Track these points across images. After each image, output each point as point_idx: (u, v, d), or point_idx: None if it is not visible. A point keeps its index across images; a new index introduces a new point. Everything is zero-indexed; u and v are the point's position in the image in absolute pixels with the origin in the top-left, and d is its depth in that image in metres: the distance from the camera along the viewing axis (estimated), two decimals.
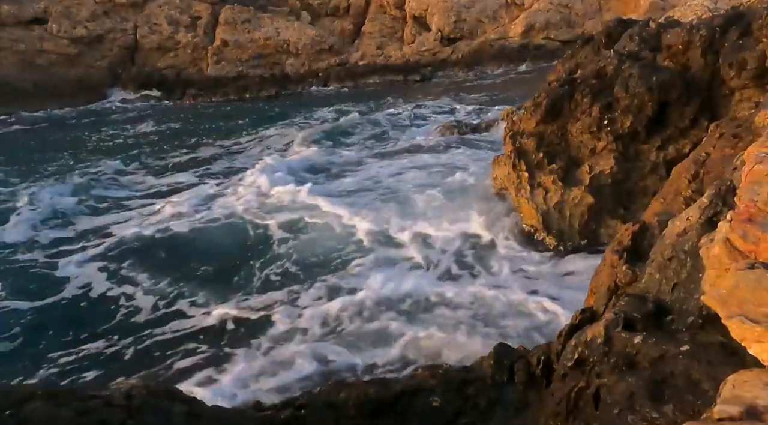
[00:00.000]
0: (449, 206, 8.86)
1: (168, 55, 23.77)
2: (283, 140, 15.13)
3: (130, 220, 9.81)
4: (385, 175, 11.11)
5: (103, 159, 13.75)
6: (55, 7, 22.54)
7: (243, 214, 9.63)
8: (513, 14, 26.78)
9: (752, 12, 6.80)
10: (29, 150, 15.42)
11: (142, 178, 12.38)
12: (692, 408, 2.60)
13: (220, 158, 13.77)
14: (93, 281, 7.72)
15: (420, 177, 10.69)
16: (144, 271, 7.87)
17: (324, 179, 11.46)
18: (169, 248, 8.63)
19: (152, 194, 11.32)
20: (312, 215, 9.32)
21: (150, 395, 3.50)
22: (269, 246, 8.49)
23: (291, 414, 3.92)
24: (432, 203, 9.19)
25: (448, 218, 8.43)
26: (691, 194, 4.46)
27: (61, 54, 22.40)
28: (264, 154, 13.80)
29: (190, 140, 15.88)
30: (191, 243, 8.78)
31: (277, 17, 25.31)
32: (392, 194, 10.00)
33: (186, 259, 8.21)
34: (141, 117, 19.59)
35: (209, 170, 12.84)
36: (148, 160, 13.87)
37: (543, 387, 3.83)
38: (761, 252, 2.21)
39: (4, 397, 3.21)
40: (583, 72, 7.96)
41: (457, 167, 10.90)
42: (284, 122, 17.53)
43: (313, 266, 7.75)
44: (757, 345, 1.95)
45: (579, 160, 7.61)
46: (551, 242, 7.39)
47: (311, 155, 13.11)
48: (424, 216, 8.71)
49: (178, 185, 11.66)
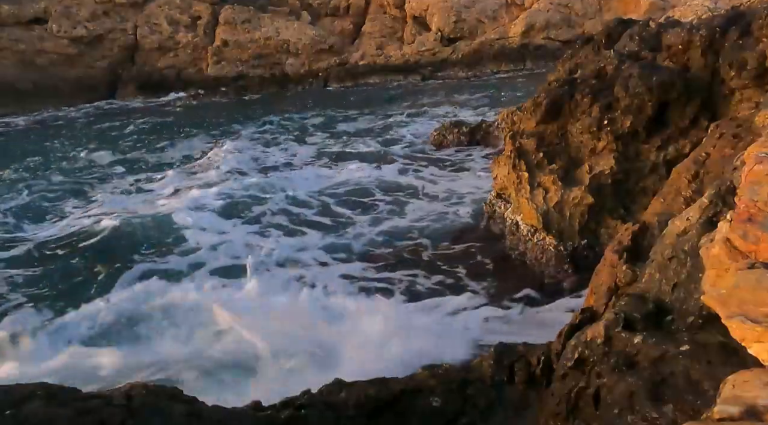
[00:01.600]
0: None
1: (168, 55, 23.79)
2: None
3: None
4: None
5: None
6: (55, 7, 22.55)
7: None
8: (513, 14, 26.79)
9: (752, 12, 6.80)
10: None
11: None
12: (692, 408, 2.60)
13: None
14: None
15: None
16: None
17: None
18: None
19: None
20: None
21: (150, 395, 3.50)
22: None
23: (291, 414, 3.91)
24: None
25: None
26: (691, 194, 4.46)
27: (61, 54, 22.41)
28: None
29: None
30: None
31: (277, 17, 25.32)
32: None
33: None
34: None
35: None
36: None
37: (543, 387, 3.83)
38: (761, 252, 2.21)
39: (4, 397, 3.21)
40: (583, 72, 7.96)
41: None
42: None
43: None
44: (757, 345, 1.95)
45: (579, 160, 7.61)
46: (551, 242, 7.39)
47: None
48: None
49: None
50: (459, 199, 9.84)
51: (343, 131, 16.10)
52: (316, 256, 8.05)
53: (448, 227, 8.69)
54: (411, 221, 9.09)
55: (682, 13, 16.62)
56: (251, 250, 8.26)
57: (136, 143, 16.12)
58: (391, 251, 8.08)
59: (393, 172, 11.62)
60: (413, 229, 8.77)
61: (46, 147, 15.86)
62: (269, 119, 18.20)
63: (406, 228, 8.85)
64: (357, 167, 12.17)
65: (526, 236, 7.77)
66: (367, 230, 8.88)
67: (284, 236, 8.83)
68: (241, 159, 13.01)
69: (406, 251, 8.02)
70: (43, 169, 13.59)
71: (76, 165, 13.80)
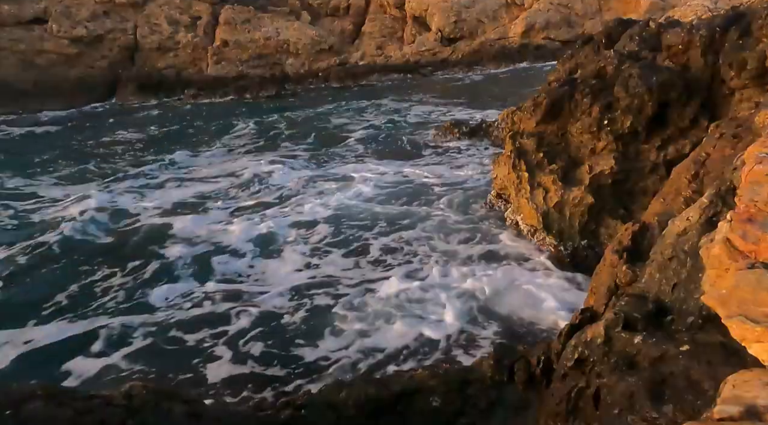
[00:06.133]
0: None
1: (168, 55, 23.78)
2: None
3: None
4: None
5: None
6: (55, 7, 22.56)
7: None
8: (513, 14, 26.82)
9: (752, 12, 6.80)
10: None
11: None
12: (692, 408, 2.60)
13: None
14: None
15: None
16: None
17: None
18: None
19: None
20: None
21: (150, 395, 3.50)
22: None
23: (291, 414, 3.92)
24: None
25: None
26: (691, 194, 4.46)
27: (61, 54, 22.41)
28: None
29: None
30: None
31: (277, 17, 25.33)
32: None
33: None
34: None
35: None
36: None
37: (543, 387, 3.83)
38: (761, 252, 2.21)
39: (4, 397, 3.21)
40: (583, 72, 7.97)
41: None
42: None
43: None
44: (757, 345, 1.95)
45: (579, 160, 7.61)
46: (551, 242, 7.39)
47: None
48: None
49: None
50: (459, 198, 9.84)
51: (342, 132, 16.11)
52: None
53: (448, 227, 8.68)
54: (411, 221, 9.08)
55: (682, 13, 16.62)
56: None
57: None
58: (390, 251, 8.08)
59: (393, 172, 11.64)
60: (413, 229, 8.76)
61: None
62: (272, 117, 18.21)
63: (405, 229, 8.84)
64: (353, 168, 12.21)
65: (526, 236, 7.78)
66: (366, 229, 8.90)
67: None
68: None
69: (405, 251, 8.02)
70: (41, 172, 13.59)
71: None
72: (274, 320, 6.49)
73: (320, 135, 15.71)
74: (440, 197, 9.95)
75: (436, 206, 9.53)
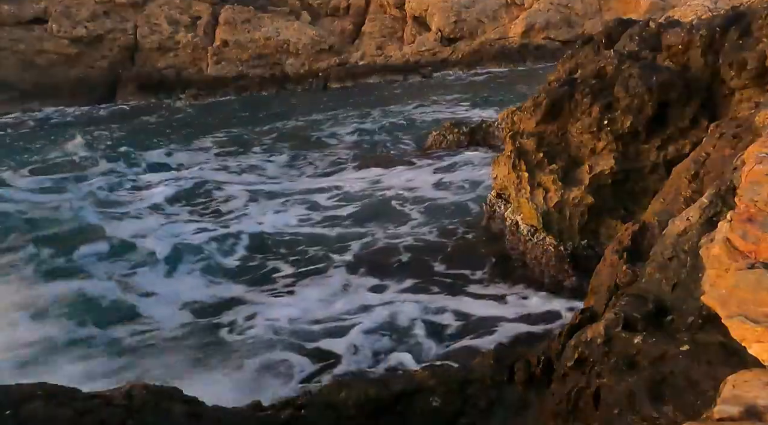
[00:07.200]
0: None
1: (168, 55, 23.78)
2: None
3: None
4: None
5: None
6: (55, 7, 22.56)
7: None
8: (513, 14, 26.80)
9: (752, 12, 6.79)
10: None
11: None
12: (692, 408, 2.60)
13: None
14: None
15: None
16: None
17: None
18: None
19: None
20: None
21: (150, 395, 3.50)
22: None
23: (291, 414, 3.92)
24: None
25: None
26: (691, 194, 4.46)
27: (61, 54, 22.41)
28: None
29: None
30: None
31: (277, 17, 25.33)
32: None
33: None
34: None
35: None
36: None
37: (543, 387, 3.83)
38: (761, 252, 2.21)
39: (4, 397, 3.21)
40: (583, 72, 7.95)
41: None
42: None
43: None
44: (757, 345, 1.95)
45: (579, 160, 7.60)
46: (551, 242, 7.39)
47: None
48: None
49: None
50: (458, 198, 9.83)
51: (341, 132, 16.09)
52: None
53: (447, 226, 8.69)
54: (410, 221, 9.09)
55: (682, 13, 16.60)
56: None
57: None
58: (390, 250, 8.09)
59: (392, 172, 11.63)
60: (412, 228, 8.77)
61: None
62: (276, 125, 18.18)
63: (405, 227, 8.84)
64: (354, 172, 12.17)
65: (526, 236, 7.77)
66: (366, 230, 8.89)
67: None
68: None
69: (405, 250, 8.02)
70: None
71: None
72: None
73: (302, 139, 15.39)
74: (410, 216, 9.24)
75: (400, 227, 8.79)
